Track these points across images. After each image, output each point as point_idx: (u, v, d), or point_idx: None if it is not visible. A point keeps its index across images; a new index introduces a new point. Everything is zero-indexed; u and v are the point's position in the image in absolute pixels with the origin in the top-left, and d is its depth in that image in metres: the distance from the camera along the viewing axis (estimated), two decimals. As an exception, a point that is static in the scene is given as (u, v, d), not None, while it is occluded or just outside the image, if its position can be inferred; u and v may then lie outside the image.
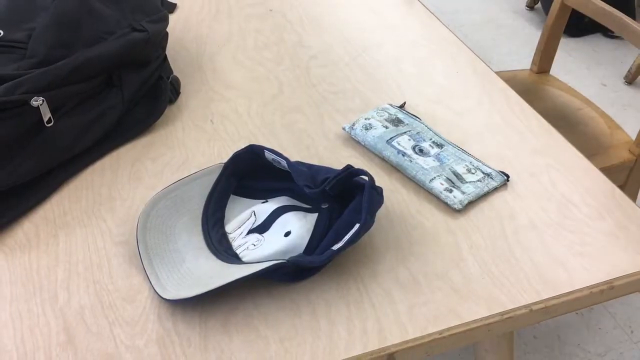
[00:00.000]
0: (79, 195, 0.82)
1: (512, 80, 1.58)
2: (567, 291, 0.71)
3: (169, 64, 1.04)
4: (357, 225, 0.69)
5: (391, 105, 0.96)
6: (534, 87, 1.56)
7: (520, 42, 2.58)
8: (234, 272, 0.68)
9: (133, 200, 0.81)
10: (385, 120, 0.92)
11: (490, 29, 2.68)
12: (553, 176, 0.86)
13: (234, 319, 0.67)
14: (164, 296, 0.68)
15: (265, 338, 0.66)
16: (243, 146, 0.81)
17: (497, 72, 1.11)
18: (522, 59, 2.46)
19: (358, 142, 0.91)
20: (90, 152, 0.87)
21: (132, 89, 0.92)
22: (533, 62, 1.60)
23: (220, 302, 0.69)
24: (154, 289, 0.69)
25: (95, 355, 0.64)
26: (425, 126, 0.92)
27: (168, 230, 0.76)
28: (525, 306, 0.69)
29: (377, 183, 0.76)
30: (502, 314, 0.69)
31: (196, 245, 0.75)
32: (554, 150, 0.91)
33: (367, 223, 0.70)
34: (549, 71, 1.61)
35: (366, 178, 0.73)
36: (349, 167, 0.73)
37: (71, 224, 0.78)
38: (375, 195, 0.72)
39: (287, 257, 0.70)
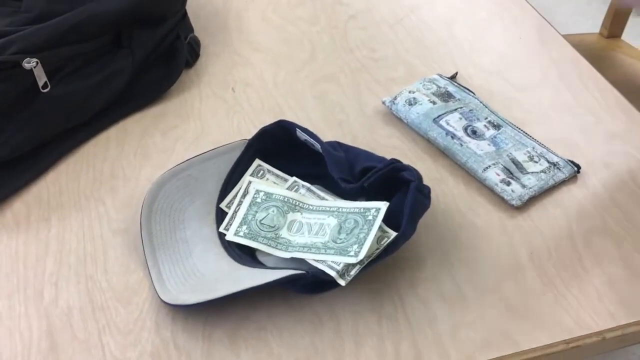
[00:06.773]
0: (77, 172, 0.72)
1: (578, 45, 1.40)
2: (650, 317, 0.58)
3: (189, 22, 0.92)
4: (394, 235, 0.57)
5: (440, 76, 0.83)
6: (603, 54, 1.39)
7: (586, 0, 2.37)
8: (245, 277, 0.58)
9: (137, 180, 0.71)
10: (433, 94, 0.79)
11: (551, -13, 2.46)
12: (633, 167, 0.73)
13: (244, 332, 0.57)
14: (164, 298, 0.58)
15: (279, 357, 0.55)
16: (266, 120, 0.70)
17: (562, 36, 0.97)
18: (587, 21, 2.26)
19: (400, 120, 0.79)
20: (92, 122, 0.77)
21: (144, 50, 0.81)
22: (603, 26, 1.44)
23: (229, 310, 0.59)
24: (154, 288, 0.59)
25: (81, 367, 0.55)
26: (480, 102, 0.79)
27: (176, 216, 0.65)
28: (597, 333, 0.57)
29: (420, 169, 0.64)
30: (567, 342, 0.56)
31: (207, 237, 0.65)
32: (635, 135, 0.77)
33: (407, 233, 0.58)
34: (620, 36, 1.44)
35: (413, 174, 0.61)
36: (393, 162, 0.62)
37: (66, 205, 0.68)
38: (421, 199, 0.60)
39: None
